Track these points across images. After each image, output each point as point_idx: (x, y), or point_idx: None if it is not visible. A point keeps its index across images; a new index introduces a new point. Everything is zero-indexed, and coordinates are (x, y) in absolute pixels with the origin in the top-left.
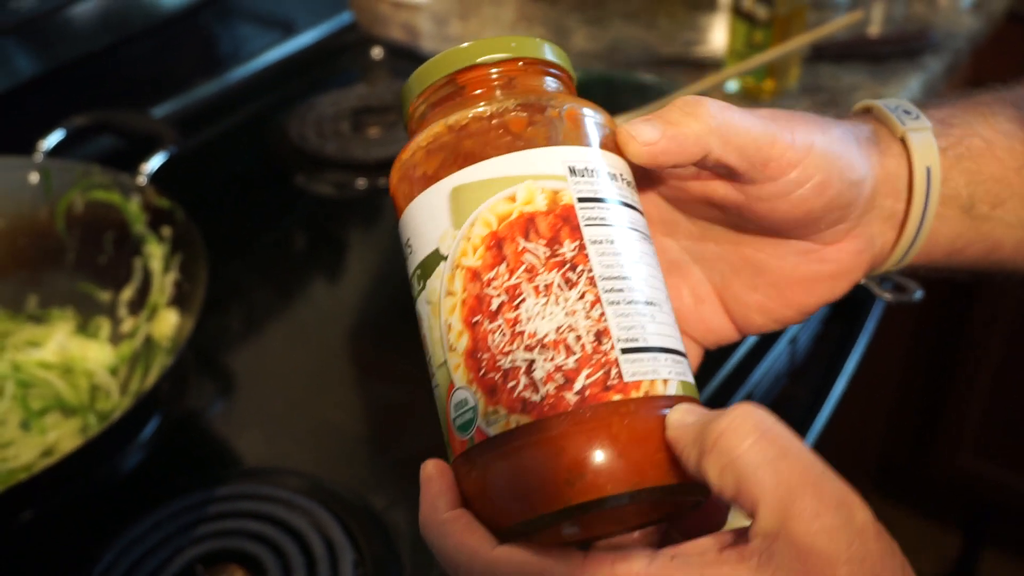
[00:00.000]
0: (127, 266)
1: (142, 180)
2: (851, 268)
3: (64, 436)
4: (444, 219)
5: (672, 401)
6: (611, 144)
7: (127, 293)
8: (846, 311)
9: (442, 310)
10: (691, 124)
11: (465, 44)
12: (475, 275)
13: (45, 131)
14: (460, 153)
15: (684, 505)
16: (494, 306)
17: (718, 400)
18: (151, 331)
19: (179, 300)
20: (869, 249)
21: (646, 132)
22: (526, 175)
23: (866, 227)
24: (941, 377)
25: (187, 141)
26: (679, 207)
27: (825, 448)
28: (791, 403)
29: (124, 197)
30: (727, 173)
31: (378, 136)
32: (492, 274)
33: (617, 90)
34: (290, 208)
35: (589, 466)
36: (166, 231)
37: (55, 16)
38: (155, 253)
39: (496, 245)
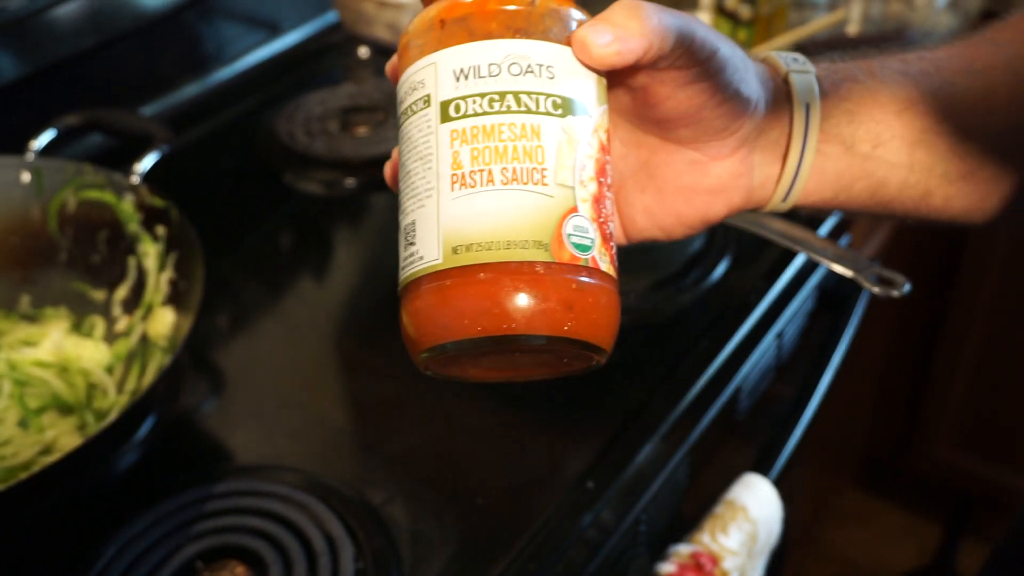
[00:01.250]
0: (121, 265)
1: (135, 179)
2: (728, 188)
3: (62, 434)
4: (595, 90)
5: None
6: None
7: (121, 292)
8: (831, 304)
9: (585, 146)
10: (633, 24)
11: None
12: (604, 148)
13: (35, 130)
14: None
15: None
16: (608, 180)
17: (706, 397)
18: (147, 330)
19: (175, 298)
20: (748, 175)
21: (600, 35)
22: None
23: (748, 153)
24: (921, 369)
25: (176, 140)
26: None
27: (811, 442)
28: (778, 399)
29: (117, 196)
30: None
31: (366, 135)
32: (609, 158)
33: None
34: (279, 207)
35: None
36: (160, 230)
37: (42, 16)
38: (149, 252)
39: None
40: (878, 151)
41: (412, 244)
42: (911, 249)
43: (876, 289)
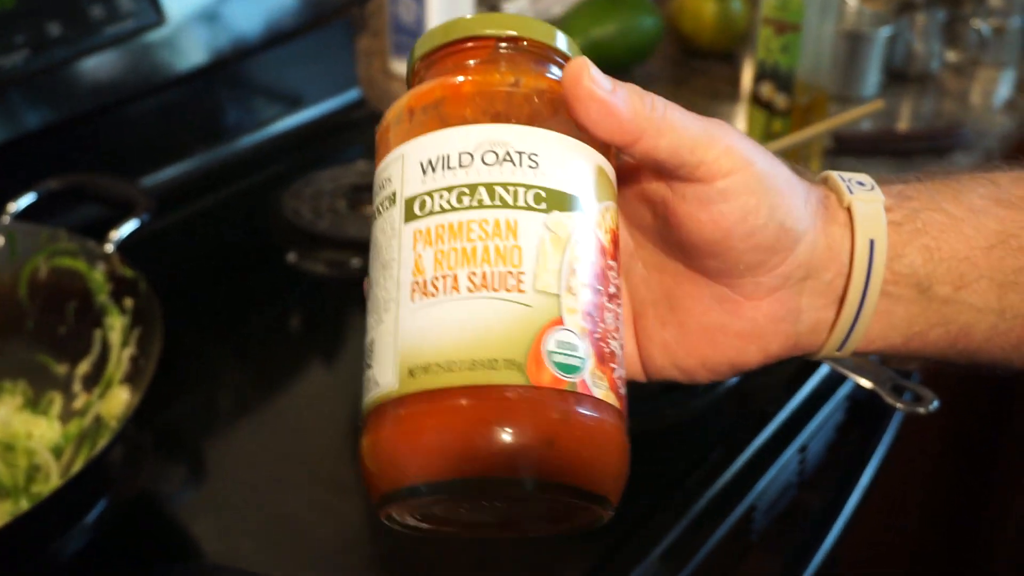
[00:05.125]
0: (87, 338)
1: (109, 248)
2: (764, 334)
3: None
4: (593, 183)
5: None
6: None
7: (83, 367)
8: (862, 419)
9: (577, 246)
10: (635, 101)
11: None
12: (604, 251)
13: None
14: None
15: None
16: (612, 289)
17: (716, 513)
18: (101, 409)
19: (133, 376)
20: (791, 321)
21: (602, 77)
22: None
23: (794, 296)
24: (976, 483)
25: (178, 211)
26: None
27: (841, 564)
28: (801, 514)
29: (89, 265)
30: (657, 169)
31: None
32: (614, 263)
33: None
34: (280, 285)
35: None
36: (128, 302)
37: (56, 72)
38: (115, 325)
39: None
40: (961, 294)
41: (370, 367)
42: None
43: (900, 405)
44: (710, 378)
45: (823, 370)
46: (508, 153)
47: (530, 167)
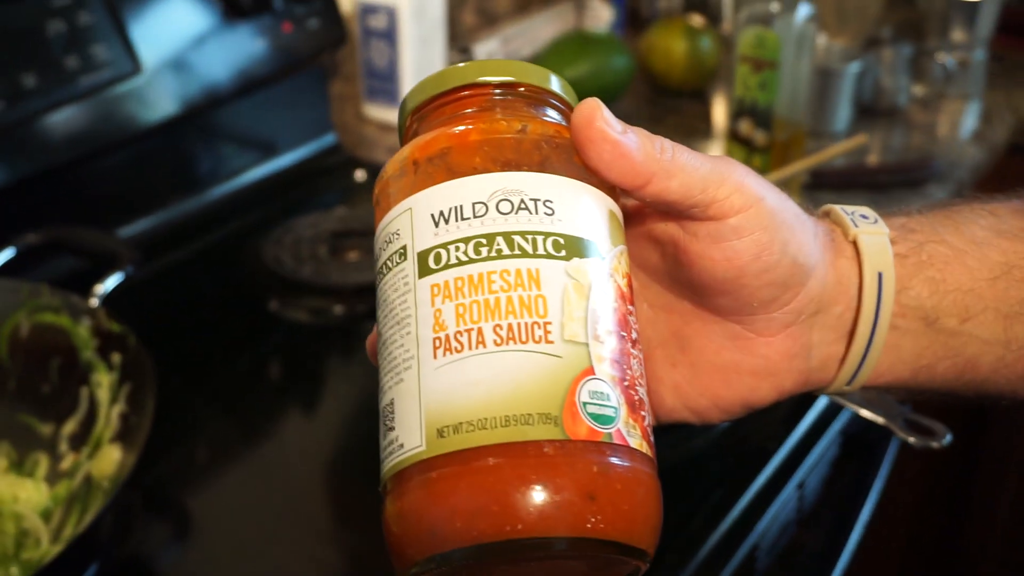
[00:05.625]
0: (73, 396)
1: (94, 302)
2: (778, 371)
3: None
4: (607, 228)
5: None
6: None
7: (70, 426)
8: (858, 451)
9: (599, 293)
10: (646, 144)
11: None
12: (623, 296)
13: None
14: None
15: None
16: (634, 335)
17: (725, 552)
18: (91, 470)
19: (124, 435)
20: (804, 357)
21: (613, 119)
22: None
23: (805, 331)
24: (956, 518)
25: (156, 263)
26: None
27: None
28: (802, 553)
29: (73, 320)
30: (667, 210)
31: (357, 260)
32: (632, 308)
33: None
34: (263, 335)
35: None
36: (116, 358)
37: (27, 125)
38: (103, 382)
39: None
40: (967, 326)
41: (391, 429)
42: None
43: (912, 439)
44: (722, 418)
45: (819, 404)
46: (523, 201)
47: (546, 214)
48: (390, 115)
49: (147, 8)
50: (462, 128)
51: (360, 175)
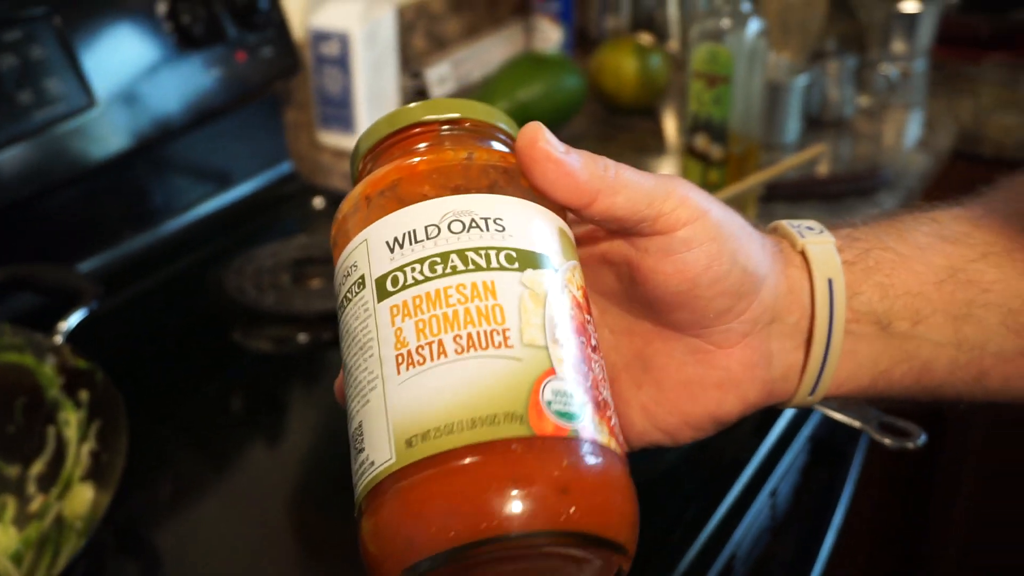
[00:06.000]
0: (39, 436)
1: (58, 339)
2: (740, 381)
3: None
4: (558, 243)
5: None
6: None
7: (37, 467)
8: (827, 457)
9: (554, 301)
10: (589, 163)
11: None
12: (580, 305)
13: None
14: None
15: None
16: (593, 341)
17: (703, 563)
18: (62, 510)
19: (95, 473)
20: (765, 366)
21: (556, 141)
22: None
23: (763, 340)
24: (916, 519)
25: (115, 297)
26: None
27: None
28: (775, 561)
29: (37, 359)
30: (616, 227)
31: (320, 287)
32: (590, 317)
33: None
34: (226, 366)
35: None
36: (83, 395)
37: None
38: (70, 420)
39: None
40: (919, 329)
41: (361, 451)
42: None
43: (888, 441)
44: (694, 436)
45: (788, 412)
46: (474, 220)
47: (497, 231)
48: (345, 142)
49: (100, 40)
50: (412, 160)
51: (319, 202)
